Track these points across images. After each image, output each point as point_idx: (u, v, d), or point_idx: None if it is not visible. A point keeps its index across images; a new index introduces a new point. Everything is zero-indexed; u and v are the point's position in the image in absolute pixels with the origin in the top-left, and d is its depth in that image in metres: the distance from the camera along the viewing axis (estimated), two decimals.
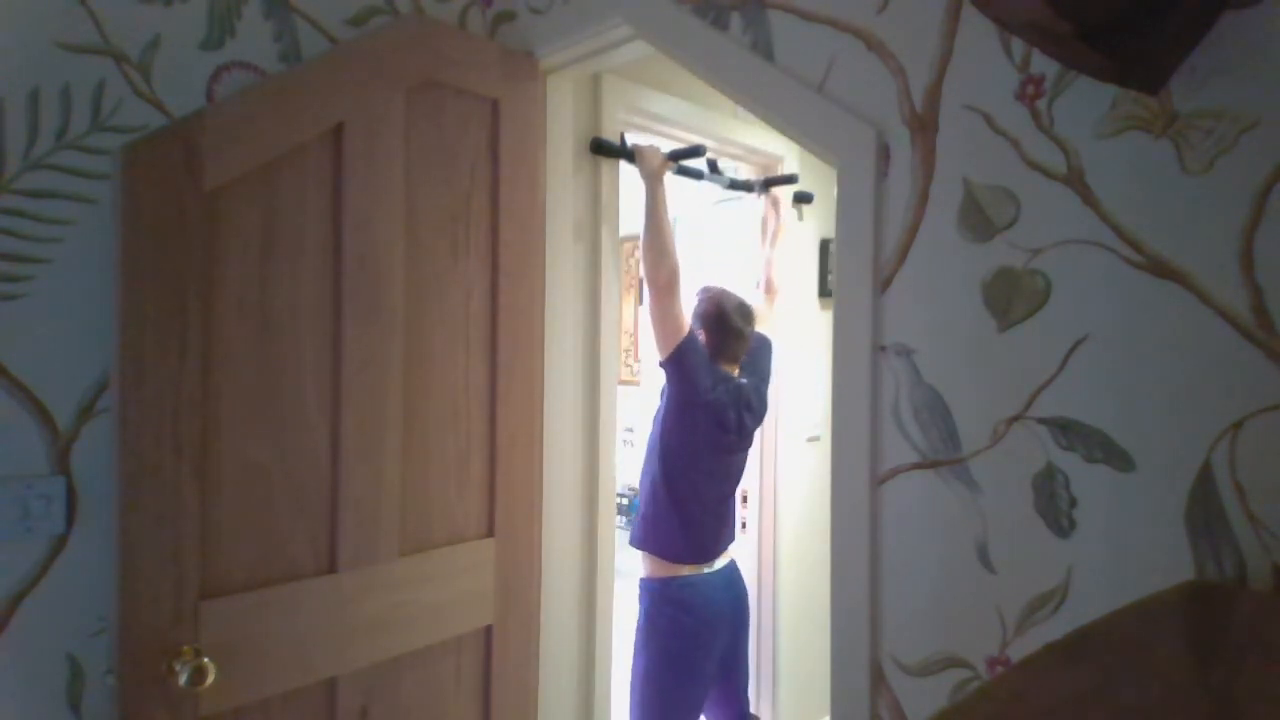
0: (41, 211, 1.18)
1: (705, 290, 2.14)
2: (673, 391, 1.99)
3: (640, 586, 2.03)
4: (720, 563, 2.07)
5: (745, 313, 2.09)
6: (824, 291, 2.65)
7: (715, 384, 1.98)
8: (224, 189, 1.19)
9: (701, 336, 2.04)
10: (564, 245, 1.74)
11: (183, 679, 1.12)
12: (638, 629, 2.01)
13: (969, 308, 1.04)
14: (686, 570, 2.00)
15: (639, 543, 2.03)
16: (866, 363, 1.13)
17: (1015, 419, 1.00)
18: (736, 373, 2.10)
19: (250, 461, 1.23)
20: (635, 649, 2.00)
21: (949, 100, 1.06)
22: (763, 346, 2.21)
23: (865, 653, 1.13)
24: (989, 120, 1.02)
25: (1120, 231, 0.92)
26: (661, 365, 1.98)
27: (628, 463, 3.67)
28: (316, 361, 1.30)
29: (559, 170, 1.72)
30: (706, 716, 2.07)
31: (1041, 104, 0.97)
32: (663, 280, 1.91)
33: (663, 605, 1.98)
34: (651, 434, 2.07)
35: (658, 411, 2.05)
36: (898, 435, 1.11)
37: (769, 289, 2.33)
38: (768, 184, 2.39)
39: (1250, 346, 0.83)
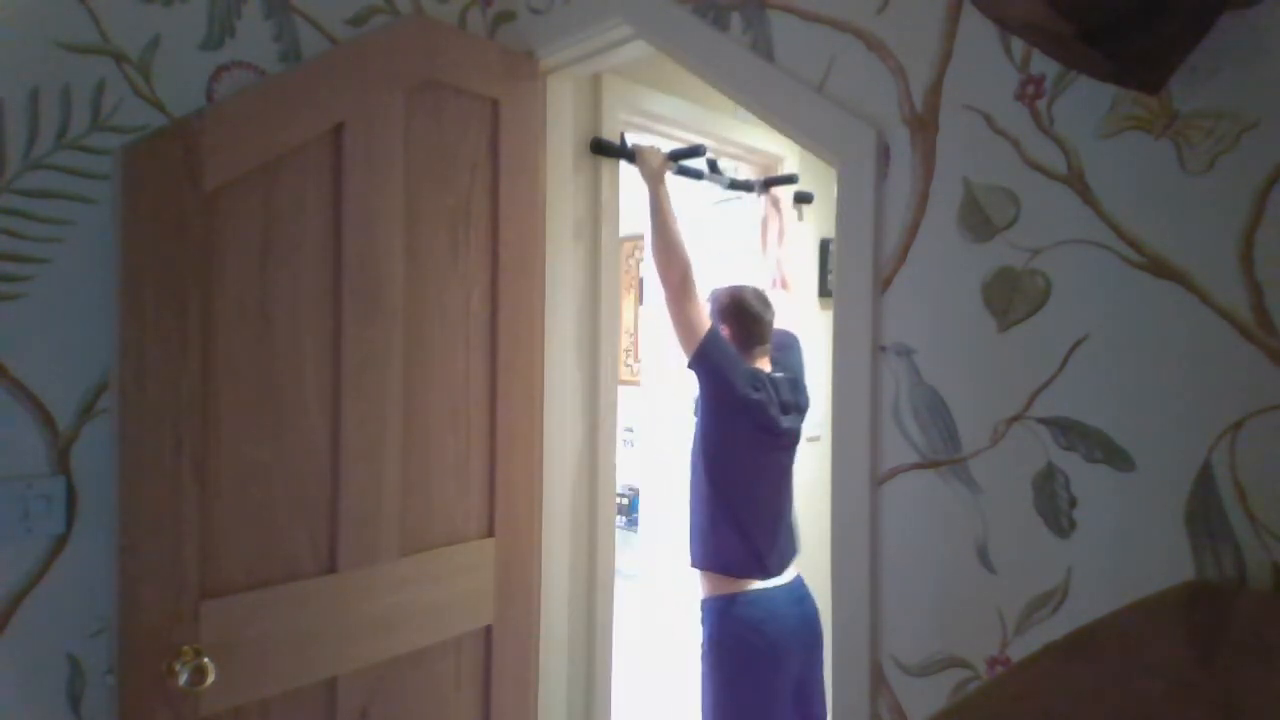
0: (41, 211, 1.18)
1: (715, 290, 2.10)
2: (707, 395, 1.91)
3: (702, 608, 1.91)
4: (786, 576, 1.95)
5: (761, 297, 2.05)
6: (824, 291, 2.65)
7: (751, 383, 1.89)
8: (224, 189, 1.19)
9: (725, 332, 1.97)
10: (564, 245, 1.74)
11: (183, 679, 1.12)
12: (703, 654, 1.89)
13: (969, 308, 1.04)
14: (751, 585, 1.87)
15: (699, 562, 1.93)
16: (866, 363, 1.13)
17: (1015, 419, 1.00)
18: (770, 369, 2.02)
19: (250, 461, 1.23)
20: (703, 676, 1.88)
21: (949, 100, 1.06)
22: (792, 343, 2.15)
23: (865, 653, 1.13)
24: (989, 120, 1.02)
25: (1120, 231, 0.92)
26: (690, 368, 1.90)
27: (628, 463, 3.66)
28: (316, 361, 1.30)
29: (559, 170, 1.72)
30: None
31: (1041, 104, 0.97)
32: (675, 279, 1.86)
33: (728, 624, 1.85)
34: (693, 448, 1.97)
35: (696, 425, 1.96)
36: (898, 435, 1.11)
37: (785, 286, 2.33)
38: (768, 184, 2.38)
39: (1250, 346, 0.83)
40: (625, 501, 4.26)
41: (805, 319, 2.51)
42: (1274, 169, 0.81)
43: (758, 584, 1.88)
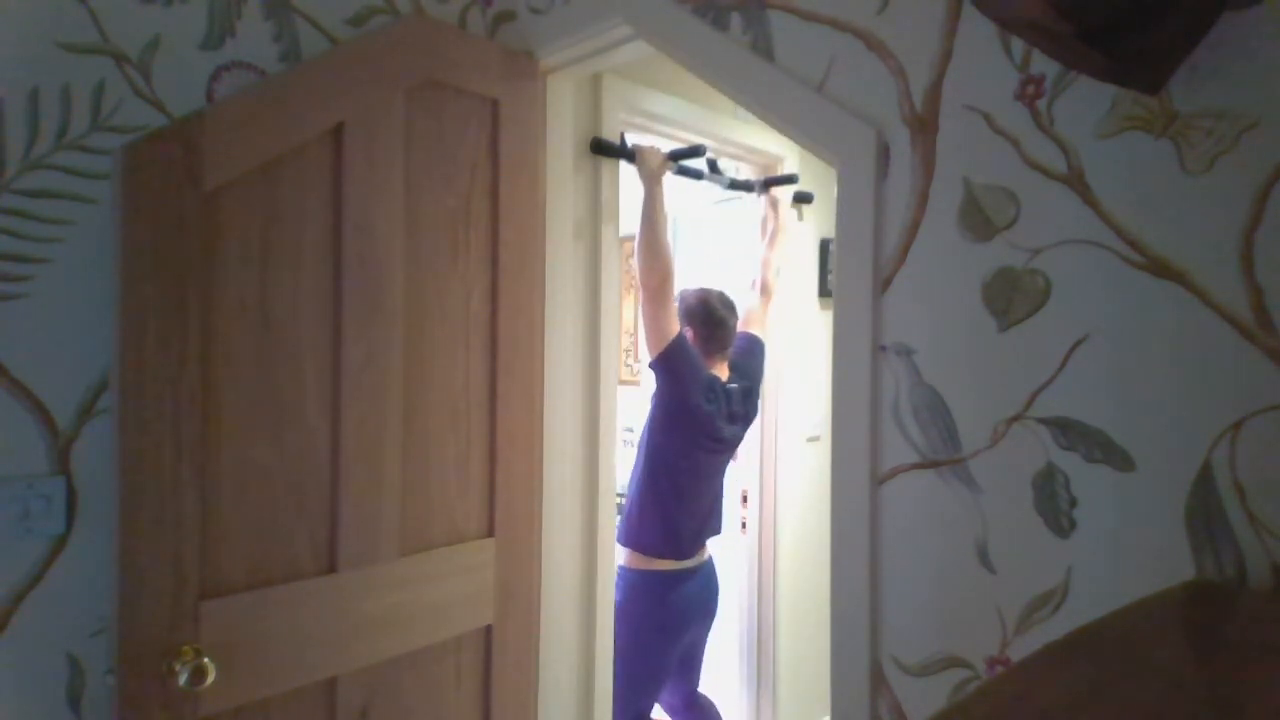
0: (41, 211, 1.18)
1: (684, 290, 2.19)
2: (662, 396, 2.01)
3: (619, 574, 2.07)
4: (700, 558, 2.12)
5: (726, 302, 2.16)
6: (824, 291, 2.65)
7: (706, 393, 2.00)
8: (224, 189, 1.19)
9: (689, 334, 2.06)
10: (564, 245, 1.74)
11: (183, 679, 1.12)
12: (614, 615, 2.04)
13: (969, 308, 1.04)
14: (664, 565, 2.05)
15: (624, 539, 2.08)
16: (866, 363, 1.13)
17: (1015, 419, 1.00)
18: (727, 375, 2.11)
19: (250, 461, 1.23)
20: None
21: (949, 100, 1.06)
22: (754, 348, 2.23)
23: (865, 653, 1.13)
24: (989, 120, 1.02)
25: (1120, 231, 0.92)
26: (651, 366, 2.00)
27: (628, 463, 3.67)
28: (317, 361, 1.30)
29: (559, 170, 1.72)
30: (662, 693, 2.16)
31: (1041, 104, 0.97)
32: (655, 283, 1.93)
33: (638, 596, 2.05)
34: (641, 435, 2.10)
35: (647, 416, 2.08)
36: (898, 435, 1.11)
37: (764, 290, 2.33)
38: (768, 184, 2.39)
39: (1250, 346, 0.83)
40: (625, 501, 4.25)
41: (787, 324, 2.51)
42: (1274, 169, 0.81)
43: (671, 563, 2.06)
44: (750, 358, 2.20)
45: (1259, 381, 0.82)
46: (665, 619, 2.04)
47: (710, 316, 2.10)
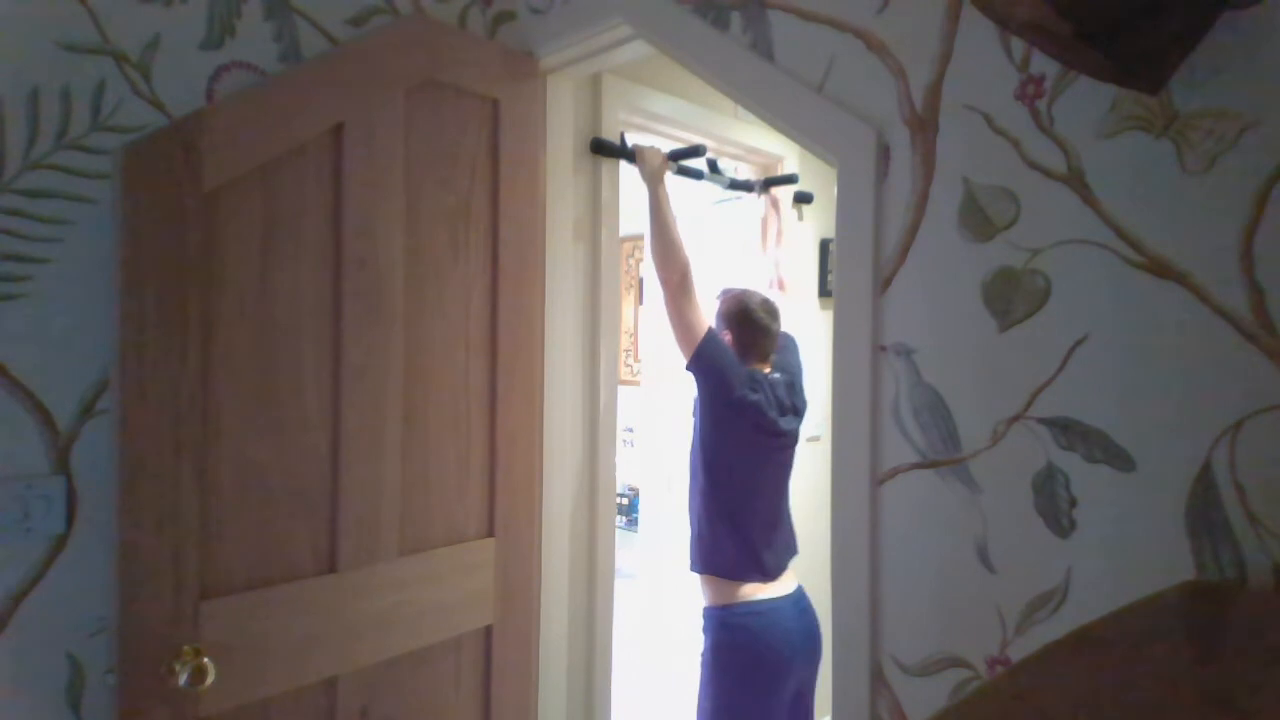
0: (41, 211, 1.18)
1: (726, 291, 2.07)
2: (704, 395, 1.89)
3: (704, 616, 1.89)
4: (788, 585, 1.93)
5: (770, 309, 2.01)
6: (824, 291, 2.65)
7: (748, 384, 1.87)
8: (224, 189, 1.19)
9: (727, 337, 1.96)
10: (564, 245, 1.74)
11: (183, 679, 1.12)
12: (704, 662, 1.87)
13: (969, 308, 1.04)
14: (751, 593, 1.86)
15: (698, 566, 1.90)
16: (866, 363, 1.13)
17: (1015, 419, 1.00)
18: (768, 371, 2.00)
19: (250, 461, 1.23)
20: (701, 683, 1.87)
21: (949, 100, 1.06)
22: (789, 344, 2.14)
23: (865, 653, 1.13)
24: (989, 120, 1.02)
25: (1120, 231, 0.92)
26: (688, 369, 1.89)
27: (628, 463, 3.67)
28: (317, 361, 1.30)
29: (559, 170, 1.72)
30: None
31: (1041, 104, 0.97)
32: (675, 280, 1.84)
33: (730, 633, 1.84)
34: (691, 449, 1.95)
35: (694, 426, 1.95)
36: (898, 435, 1.11)
37: (782, 288, 2.34)
38: (768, 184, 2.39)
39: (1250, 346, 0.83)
40: (625, 501, 4.26)
41: (802, 319, 2.51)
42: (1274, 169, 0.81)
43: (760, 593, 1.86)
44: (785, 354, 2.09)
45: (1259, 381, 0.82)
46: (766, 657, 1.81)
47: (751, 323, 1.96)
